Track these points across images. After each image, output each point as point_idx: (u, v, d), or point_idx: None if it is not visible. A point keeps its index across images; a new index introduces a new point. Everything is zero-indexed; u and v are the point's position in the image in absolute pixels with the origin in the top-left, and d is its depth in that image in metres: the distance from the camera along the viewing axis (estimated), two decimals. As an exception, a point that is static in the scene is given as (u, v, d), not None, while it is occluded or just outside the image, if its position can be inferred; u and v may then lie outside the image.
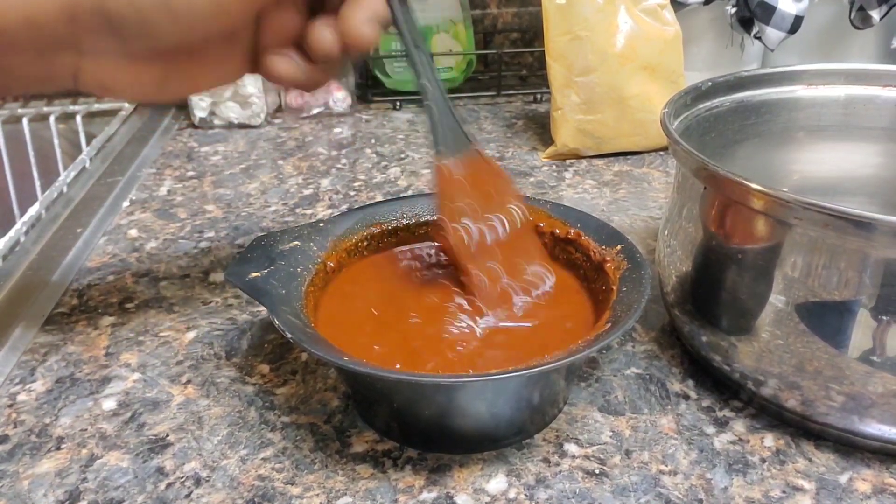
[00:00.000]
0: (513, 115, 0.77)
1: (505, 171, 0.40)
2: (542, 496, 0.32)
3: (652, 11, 0.64)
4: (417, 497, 0.32)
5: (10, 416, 0.36)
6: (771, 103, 0.44)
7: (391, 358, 0.34)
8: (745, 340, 0.34)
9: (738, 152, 0.44)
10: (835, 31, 0.71)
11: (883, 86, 0.44)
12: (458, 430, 0.33)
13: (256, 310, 0.44)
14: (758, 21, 0.66)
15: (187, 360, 0.40)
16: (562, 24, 0.62)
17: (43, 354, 0.41)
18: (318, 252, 0.39)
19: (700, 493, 0.32)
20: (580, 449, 0.34)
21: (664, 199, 0.58)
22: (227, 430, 0.35)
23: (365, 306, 0.38)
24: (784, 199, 0.30)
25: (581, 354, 0.31)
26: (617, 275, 0.36)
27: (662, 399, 0.37)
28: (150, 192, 0.60)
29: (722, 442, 0.34)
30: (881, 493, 0.32)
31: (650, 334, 0.42)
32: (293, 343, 0.31)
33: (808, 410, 0.33)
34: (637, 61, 0.63)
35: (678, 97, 0.40)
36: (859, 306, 0.30)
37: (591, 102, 0.63)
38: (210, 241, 0.52)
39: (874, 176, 0.46)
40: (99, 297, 0.46)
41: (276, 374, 0.39)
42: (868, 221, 0.29)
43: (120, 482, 0.33)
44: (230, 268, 0.36)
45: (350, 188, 0.61)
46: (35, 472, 0.33)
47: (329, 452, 0.34)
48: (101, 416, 0.36)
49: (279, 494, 0.32)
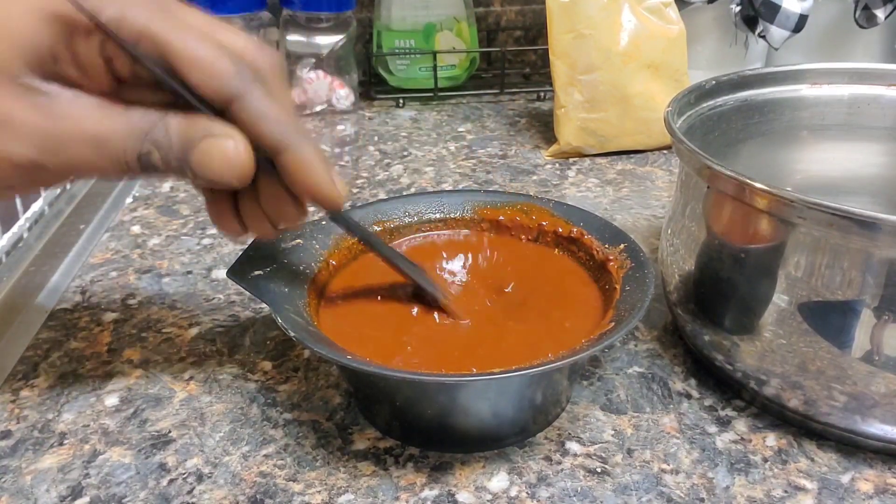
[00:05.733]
0: (516, 112, 0.77)
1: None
2: (544, 494, 0.32)
3: (656, 10, 0.64)
4: (419, 494, 0.32)
5: (13, 412, 0.36)
6: (775, 102, 0.44)
7: (393, 356, 0.34)
8: (747, 340, 0.34)
9: (742, 151, 0.44)
10: (839, 30, 0.71)
11: (887, 85, 0.44)
12: (460, 430, 0.33)
13: (259, 307, 0.44)
14: (762, 20, 0.66)
15: (190, 357, 0.40)
16: (565, 22, 0.62)
17: (46, 350, 0.41)
18: (320, 250, 0.39)
19: (702, 493, 0.32)
20: (582, 447, 0.34)
21: (667, 197, 0.58)
22: (230, 427, 0.35)
23: (367, 304, 0.38)
24: (788, 198, 0.30)
25: (584, 353, 0.31)
26: (620, 274, 0.36)
27: (664, 398, 0.37)
28: (153, 189, 0.60)
29: (724, 441, 0.34)
30: (883, 493, 0.32)
31: (653, 333, 0.42)
32: (296, 341, 0.31)
33: (811, 410, 0.33)
34: (641, 59, 0.63)
35: (682, 96, 0.40)
36: (862, 306, 0.30)
37: (594, 101, 0.63)
38: (213, 238, 0.52)
39: (878, 175, 0.46)
40: (102, 293, 0.46)
41: (278, 372, 0.39)
42: (872, 221, 0.29)
43: (122, 478, 0.33)
44: (233, 265, 0.36)
45: (353, 185, 0.61)
46: (38, 467, 0.33)
47: (331, 449, 0.34)
48: (104, 412, 0.36)
49: (281, 491, 0.32)
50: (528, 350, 0.34)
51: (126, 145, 0.28)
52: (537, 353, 0.32)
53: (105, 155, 0.28)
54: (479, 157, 0.66)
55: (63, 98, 0.28)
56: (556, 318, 0.37)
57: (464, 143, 0.69)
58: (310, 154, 0.30)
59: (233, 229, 0.33)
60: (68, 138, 0.28)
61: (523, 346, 0.35)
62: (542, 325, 0.36)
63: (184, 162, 0.29)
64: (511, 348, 0.35)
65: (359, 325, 0.36)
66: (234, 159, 0.29)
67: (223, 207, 0.33)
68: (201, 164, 0.29)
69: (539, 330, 0.36)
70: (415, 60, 0.80)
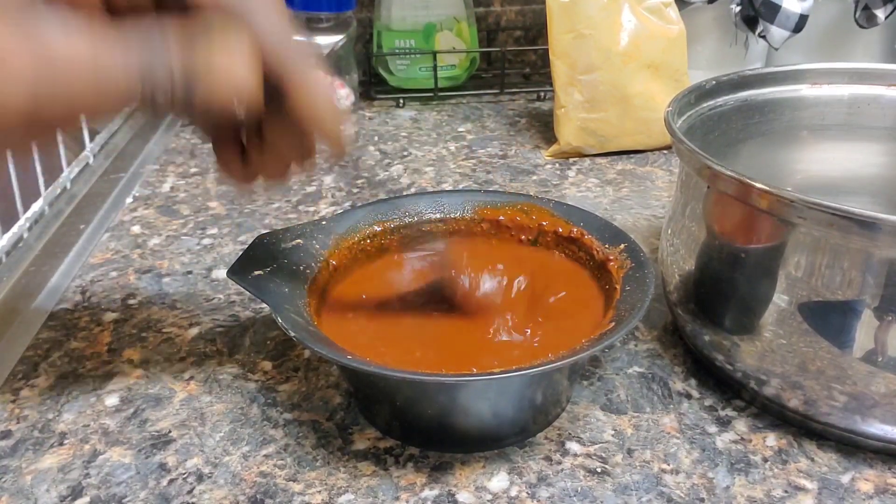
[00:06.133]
0: (516, 112, 0.77)
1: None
2: (544, 494, 0.32)
3: (656, 10, 0.64)
4: (419, 494, 0.32)
5: (13, 412, 0.36)
6: (775, 102, 0.44)
7: (393, 355, 0.34)
8: (747, 340, 0.34)
9: (742, 151, 0.44)
10: (839, 30, 0.71)
11: (887, 85, 0.44)
12: (460, 430, 0.33)
13: (259, 307, 0.44)
14: (762, 20, 0.66)
15: (190, 357, 0.40)
16: (565, 22, 0.62)
17: (46, 350, 0.41)
18: (320, 250, 0.39)
19: (702, 493, 0.32)
20: (582, 447, 0.34)
21: (667, 197, 0.58)
22: (230, 427, 0.35)
23: (367, 304, 0.38)
24: (788, 198, 0.30)
25: (585, 353, 0.31)
26: (620, 274, 0.36)
27: (665, 398, 0.37)
28: (153, 189, 0.60)
29: (724, 441, 0.34)
30: (883, 493, 0.32)
31: (653, 333, 0.42)
32: (296, 341, 0.31)
33: (811, 410, 0.33)
34: (641, 59, 0.63)
35: (682, 96, 0.40)
36: (863, 306, 0.30)
37: (594, 101, 0.63)
38: (213, 238, 0.52)
39: (878, 175, 0.46)
40: (102, 293, 0.46)
41: (278, 372, 0.39)
42: (872, 221, 0.29)
43: (122, 478, 0.33)
44: (233, 265, 0.36)
45: (353, 185, 0.61)
46: (38, 467, 0.33)
47: (331, 449, 0.34)
48: (104, 411, 0.36)
49: (281, 491, 0.32)
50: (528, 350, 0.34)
51: (131, 85, 0.26)
52: (537, 353, 0.32)
53: (114, 96, 0.26)
54: (479, 157, 0.66)
55: (53, 26, 0.25)
56: (556, 318, 0.37)
57: (464, 143, 0.69)
58: (317, 79, 0.29)
59: (241, 177, 0.32)
60: (64, 76, 0.25)
61: (523, 346, 0.35)
62: (542, 325, 0.36)
63: (190, 94, 0.26)
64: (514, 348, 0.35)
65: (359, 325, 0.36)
66: (240, 67, 0.26)
67: (230, 153, 0.32)
68: (208, 95, 0.26)
69: (539, 330, 0.36)
70: (415, 60, 0.80)
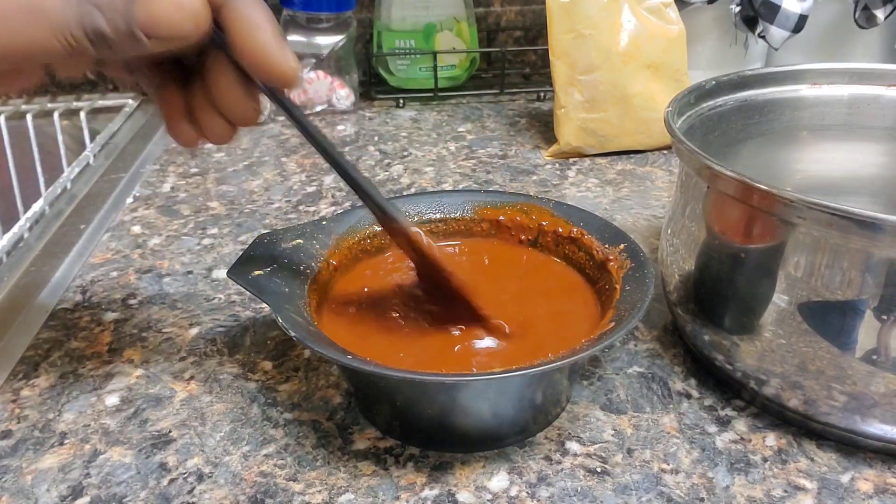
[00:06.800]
0: (516, 113, 0.77)
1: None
2: (544, 494, 0.32)
3: (656, 10, 0.64)
4: (419, 494, 0.32)
5: (13, 412, 0.36)
6: (774, 102, 0.44)
7: (393, 355, 0.34)
8: (747, 340, 0.34)
9: (742, 151, 0.44)
10: (839, 31, 0.71)
11: (887, 85, 0.44)
12: (460, 430, 0.33)
13: (259, 306, 0.44)
14: (762, 20, 0.66)
15: (190, 357, 0.40)
16: (565, 22, 0.62)
17: (46, 350, 0.41)
18: (320, 250, 0.39)
19: (702, 492, 0.32)
20: (582, 447, 0.34)
21: (667, 197, 0.58)
22: (230, 427, 0.35)
23: (367, 304, 0.38)
24: (788, 198, 0.30)
25: (584, 353, 0.31)
26: (620, 274, 0.36)
27: (664, 398, 0.37)
28: (153, 189, 0.60)
29: (724, 441, 0.34)
30: (883, 493, 0.32)
31: (652, 333, 0.42)
32: (296, 341, 0.31)
33: (811, 410, 0.33)
34: (641, 60, 0.63)
35: (682, 96, 0.40)
36: (862, 306, 0.30)
37: (594, 101, 0.63)
38: (213, 238, 0.52)
39: (877, 175, 0.46)
40: (102, 293, 0.46)
41: (278, 371, 0.39)
42: (872, 221, 0.29)
43: (122, 478, 0.33)
44: (233, 265, 0.36)
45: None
46: (38, 467, 0.33)
47: (331, 449, 0.34)
48: (105, 411, 0.36)
49: (281, 491, 0.32)
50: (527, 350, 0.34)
51: (67, 13, 0.26)
52: (537, 352, 0.32)
53: (47, 27, 0.26)
54: (479, 157, 0.66)
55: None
56: (556, 317, 0.37)
57: (464, 143, 0.69)
58: (255, 9, 0.28)
59: (187, 135, 0.32)
60: (2, 14, 0.26)
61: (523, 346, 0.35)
62: (541, 325, 0.36)
63: (130, 17, 0.26)
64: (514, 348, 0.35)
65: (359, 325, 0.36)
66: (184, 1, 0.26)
67: (175, 107, 0.31)
68: (149, 13, 0.26)
69: (539, 330, 0.36)
70: (415, 60, 0.80)
